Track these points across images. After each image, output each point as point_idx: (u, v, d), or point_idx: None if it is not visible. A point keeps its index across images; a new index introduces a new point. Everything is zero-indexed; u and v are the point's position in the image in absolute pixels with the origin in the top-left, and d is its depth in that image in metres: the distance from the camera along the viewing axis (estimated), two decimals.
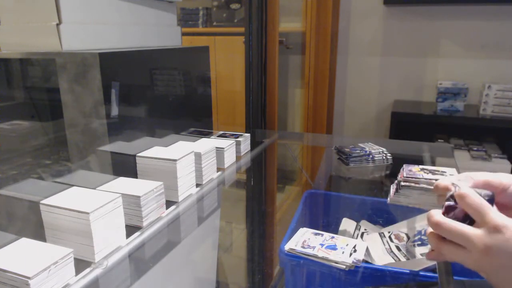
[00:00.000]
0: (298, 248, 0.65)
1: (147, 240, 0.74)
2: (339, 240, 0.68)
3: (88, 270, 0.63)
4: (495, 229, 0.43)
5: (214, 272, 0.80)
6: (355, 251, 0.64)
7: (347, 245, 0.66)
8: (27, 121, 1.05)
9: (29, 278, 0.52)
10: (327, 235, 0.70)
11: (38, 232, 0.68)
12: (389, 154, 1.21)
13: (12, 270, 0.53)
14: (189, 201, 0.90)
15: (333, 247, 0.65)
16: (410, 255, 0.75)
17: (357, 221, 0.88)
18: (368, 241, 0.80)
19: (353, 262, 0.61)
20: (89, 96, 0.80)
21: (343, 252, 0.64)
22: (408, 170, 0.82)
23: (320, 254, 0.63)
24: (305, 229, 0.72)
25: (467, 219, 0.47)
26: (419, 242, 0.76)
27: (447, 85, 2.18)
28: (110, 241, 0.68)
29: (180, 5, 2.56)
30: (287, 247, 0.66)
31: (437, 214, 0.48)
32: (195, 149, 0.95)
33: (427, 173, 0.80)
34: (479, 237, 0.43)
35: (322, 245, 0.66)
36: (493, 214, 0.44)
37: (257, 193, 1.15)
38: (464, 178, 0.51)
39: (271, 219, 0.98)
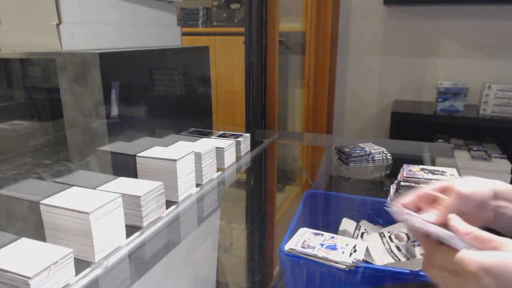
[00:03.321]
0: (298, 248, 0.65)
1: (147, 240, 0.74)
2: (339, 240, 0.68)
3: (88, 270, 0.63)
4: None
5: (214, 272, 0.80)
6: (355, 251, 0.64)
7: (347, 245, 0.66)
8: (27, 121, 1.05)
9: (29, 278, 0.52)
10: (327, 235, 0.70)
11: (38, 232, 0.68)
12: (389, 154, 1.21)
13: (12, 270, 0.53)
14: (189, 201, 0.90)
15: (333, 247, 0.65)
16: (410, 255, 0.75)
17: (357, 221, 0.88)
18: (368, 241, 0.80)
19: (353, 262, 0.61)
20: (89, 96, 0.80)
21: (343, 252, 0.64)
22: (408, 170, 0.82)
23: (320, 254, 0.63)
24: (305, 229, 0.72)
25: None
26: (419, 242, 0.76)
27: (447, 85, 2.18)
28: (110, 241, 0.68)
29: (180, 5, 2.56)
30: (287, 247, 0.66)
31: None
32: (195, 149, 0.95)
33: (427, 173, 0.81)
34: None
35: (322, 245, 0.66)
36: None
37: (257, 193, 1.15)
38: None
39: (271, 219, 0.98)
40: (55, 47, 0.82)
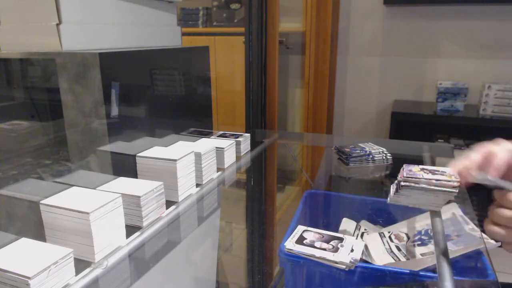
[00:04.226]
0: (297, 248, 0.65)
1: (147, 240, 0.74)
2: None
3: (88, 270, 0.63)
4: None
5: (214, 272, 0.80)
6: (352, 250, 0.64)
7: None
8: (27, 121, 1.05)
9: (29, 278, 0.52)
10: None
11: (38, 232, 0.68)
12: (389, 154, 1.21)
13: (12, 270, 0.53)
14: (189, 201, 0.90)
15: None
16: (410, 255, 0.75)
17: (357, 221, 0.88)
18: (368, 241, 0.80)
19: (350, 261, 0.61)
20: (89, 96, 0.80)
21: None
22: (408, 170, 0.82)
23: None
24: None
25: None
26: (419, 242, 0.76)
27: (447, 85, 2.18)
28: (110, 241, 0.68)
29: (180, 5, 2.56)
30: (286, 247, 0.66)
31: None
32: (195, 149, 0.95)
33: (427, 173, 0.80)
34: None
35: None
36: None
37: (257, 193, 1.15)
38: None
39: (271, 219, 0.98)
40: (55, 47, 0.82)
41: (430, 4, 2.26)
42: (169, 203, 0.86)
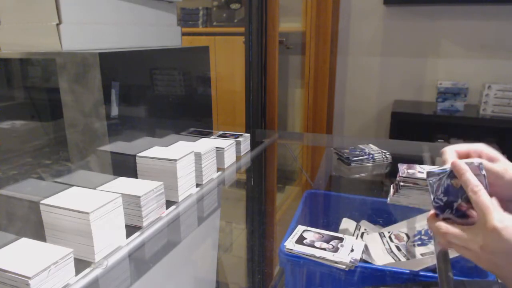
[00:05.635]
0: (297, 248, 0.65)
1: (147, 240, 0.74)
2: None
3: (88, 270, 0.63)
4: (493, 231, 0.44)
5: (214, 272, 0.80)
6: (352, 250, 0.64)
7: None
8: (27, 121, 1.05)
9: (29, 278, 0.52)
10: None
11: (38, 232, 0.68)
12: (387, 153, 1.21)
13: (12, 270, 0.53)
14: (189, 201, 0.90)
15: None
16: (410, 255, 0.75)
17: (357, 221, 0.88)
18: (368, 241, 0.80)
19: (350, 261, 0.61)
20: (89, 96, 0.80)
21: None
22: (406, 170, 0.82)
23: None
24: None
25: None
26: (419, 242, 0.76)
27: (447, 85, 2.18)
28: (110, 241, 0.68)
29: (180, 5, 2.56)
30: (286, 247, 0.66)
31: (438, 223, 0.51)
32: (195, 149, 0.95)
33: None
34: (475, 240, 0.46)
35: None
36: (495, 214, 0.45)
37: (257, 193, 1.15)
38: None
39: (271, 219, 0.98)
40: (55, 47, 0.82)
41: (430, 4, 2.26)
42: (169, 203, 0.86)
